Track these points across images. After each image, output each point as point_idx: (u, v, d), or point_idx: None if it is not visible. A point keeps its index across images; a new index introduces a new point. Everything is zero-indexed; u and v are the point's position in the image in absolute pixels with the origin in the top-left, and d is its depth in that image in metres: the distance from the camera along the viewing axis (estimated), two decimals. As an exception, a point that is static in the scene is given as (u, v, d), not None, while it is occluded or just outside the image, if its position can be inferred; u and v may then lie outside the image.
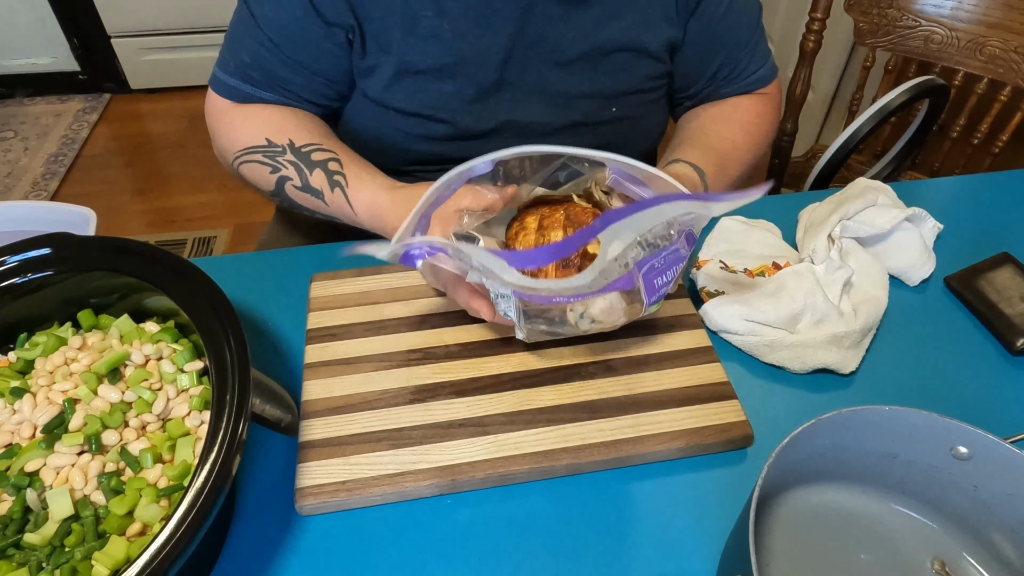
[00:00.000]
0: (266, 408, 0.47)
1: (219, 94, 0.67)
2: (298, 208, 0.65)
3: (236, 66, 0.65)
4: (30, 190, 1.89)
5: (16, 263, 0.50)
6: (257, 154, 0.64)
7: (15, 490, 0.43)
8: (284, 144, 0.64)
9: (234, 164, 0.66)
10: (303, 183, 0.62)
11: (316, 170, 0.62)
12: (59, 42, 2.12)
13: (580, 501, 0.49)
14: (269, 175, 0.64)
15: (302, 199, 0.63)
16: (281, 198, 0.65)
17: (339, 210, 0.62)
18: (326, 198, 0.62)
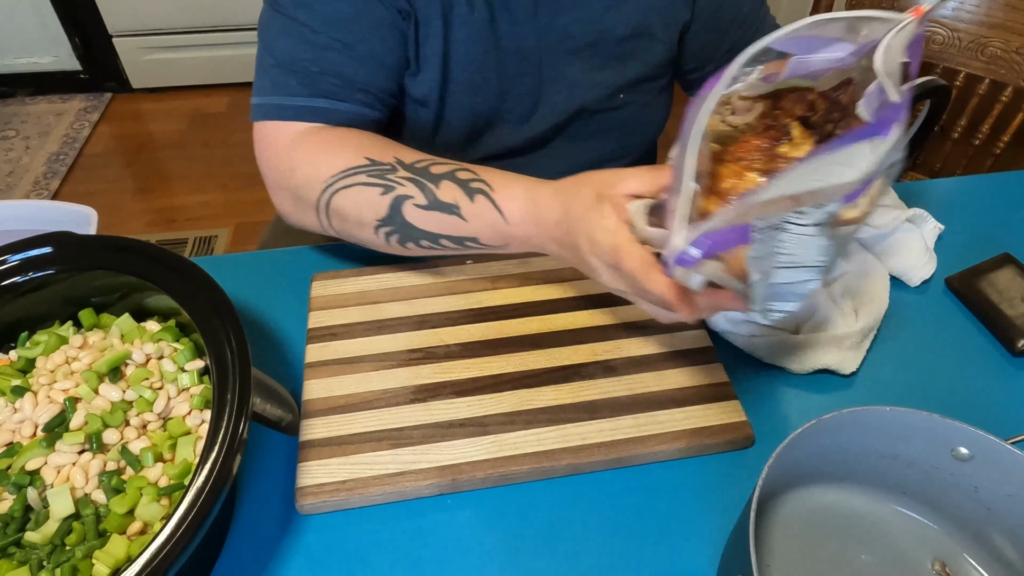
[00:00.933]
0: (267, 407, 0.47)
1: (284, 119, 0.58)
2: (412, 239, 0.54)
3: (300, 82, 0.57)
4: (31, 189, 1.89)
5: (17, 262, 0.50)
6: (359, 175, 0.54)
7: (16, 489, 0.43)
8: (391, 162, 0.54)
9: (325, 195, 0.55)
10: (429, 199, 0.52)
11: (444, 182, 0.52)
12: (61, 41, 2.12)
13: (580, 501, 0.49)
14: (380, 196, 0.53)
15: (426, 221, 0.53)
16: (393, 227, 0.54)
17: (481, 223, 0.52)
18: (464, 211, 0.52)
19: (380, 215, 0.53)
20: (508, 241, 0.53)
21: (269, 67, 0.58)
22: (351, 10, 0.57)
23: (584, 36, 0.66)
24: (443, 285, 0.61)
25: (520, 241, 0.52)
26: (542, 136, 0.72)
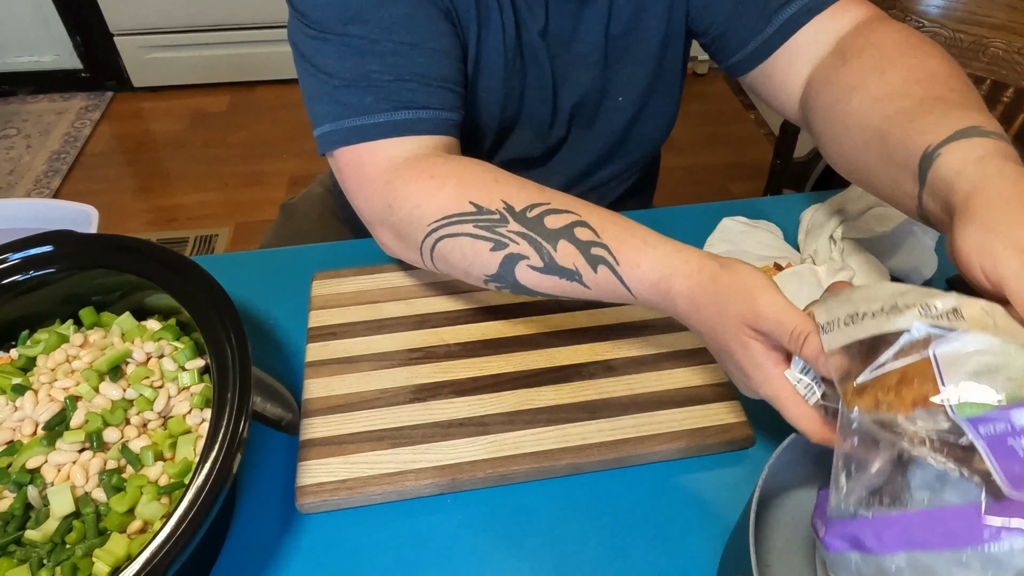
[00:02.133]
0: (267, 406, 0.48)
1: (368, 140, 0.53)
2: (527, 293, 0.50)
3: (377, 98, 0.53)
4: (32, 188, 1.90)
5: (18, 260, 0.50)
6: (466, 224, 0.48)
7: (16, 487, 0.43)
8: (499, 208, 0.48)
9: (429, 239, 0.50)
10: (547, 262, 0.47)
11: (561, 243, 0.47)
12: (62, 40, 2.12)
13: (580, 501, 0.49)
14: (489, 253, 0.48)
15: (542, 283, 0.48)
16: (504, 284, 0.49)
17: (605, 292, 0.47)
18: (586, 279, 0.46)
19: (489, 272, 0.49)
20: (633, 302, 0.47)
21: (335, 89, 0.53)
22: (405, 10, 0.54)
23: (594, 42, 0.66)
24: (443, 285, 0.61)
25: (646, 308, 0.50)
26: (557, 143, 0.72)
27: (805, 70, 0.58)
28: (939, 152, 0.42)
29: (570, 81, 0.68)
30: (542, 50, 0.65)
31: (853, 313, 0.36)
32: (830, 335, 0.37)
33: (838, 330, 0.36)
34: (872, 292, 0.37)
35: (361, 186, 0.54)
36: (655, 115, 0.72)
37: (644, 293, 0.45)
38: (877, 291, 0.37)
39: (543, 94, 0.68)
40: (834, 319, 0.37)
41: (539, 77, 0.66)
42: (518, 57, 0.64)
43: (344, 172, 0.55)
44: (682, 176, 1.96)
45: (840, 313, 0.37)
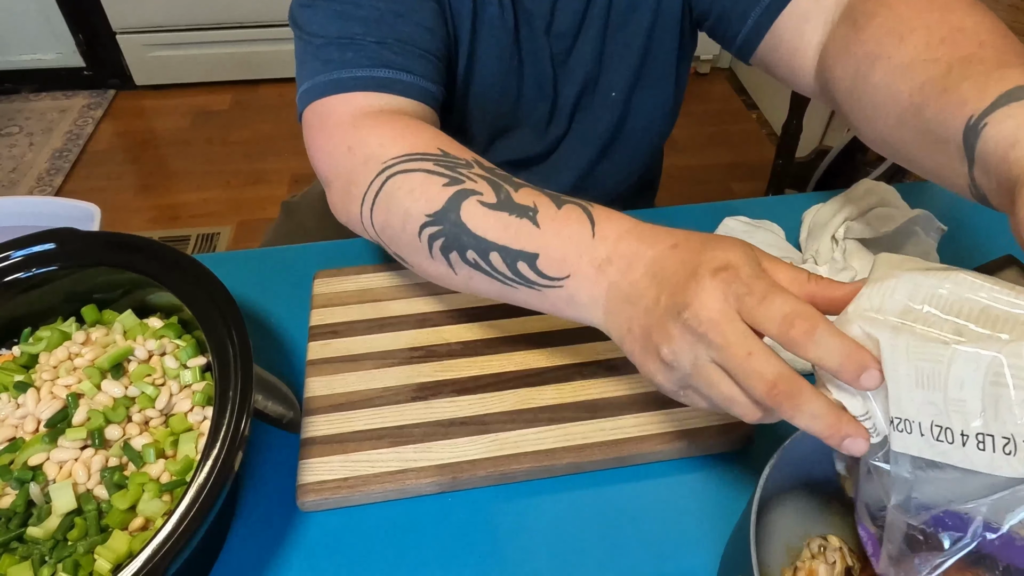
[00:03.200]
0: (268, 404, 0.48)
1: (343, 91, 0.51)
2: (458, 247, 0.43)
3: (357, 54, 0.52)
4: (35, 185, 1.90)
5: (20, 258, 0.50)
6: (425, 161, 0.45)
7: (18, 484, 0.43)
8: (469, 159, 0.46)
9: (380, 177, 0.46)
10: (500, 199, 0.42)
11: (525, 189, 0.43)
12: (64, 38, 2.12)
13: (581, 500, 0.49)
14: (441, 188, 0.43)
15: (485, 222, 0.42)
16: (442, 226, 0.43)
17: (557, 234, 0.41)
18: (541, 215, 0.41)
19: (433, 208, 0.43)
20: (575, 269, 0.40)
21: (317, 48, 0.52)
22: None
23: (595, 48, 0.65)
24: (445, 283, 0.61)
25: (593, 271, 0.39)
26: (554, 142, 0.72)
27: (815, 36, 0.54)
28: (985, 122, 0.36)
29: (571, 77, 0.68)
30: (544, 48, 0.65)
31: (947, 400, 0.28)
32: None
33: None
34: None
35: (324, 135, 0.51)
36: (646, 109, 0.72)
37: (611, 226, 0.40)
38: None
39: (543, 92, 0.68)
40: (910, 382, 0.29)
41: (539, 74, 0.66)
42: (515, 55, 0.64)
43: (310, 125, 0.52)
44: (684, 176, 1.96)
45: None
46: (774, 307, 0.31)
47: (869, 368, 0.30)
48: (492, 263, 0.42)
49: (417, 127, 0.49)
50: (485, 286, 0.44)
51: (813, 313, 0.31)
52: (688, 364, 0.34)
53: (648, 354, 0.37)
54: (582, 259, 0.40)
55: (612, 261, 0.39)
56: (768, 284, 0.32)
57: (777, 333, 0.31)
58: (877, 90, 0.46)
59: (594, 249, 0.39)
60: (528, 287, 0.42)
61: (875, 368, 0.30)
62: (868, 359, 0.30)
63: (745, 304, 0.32)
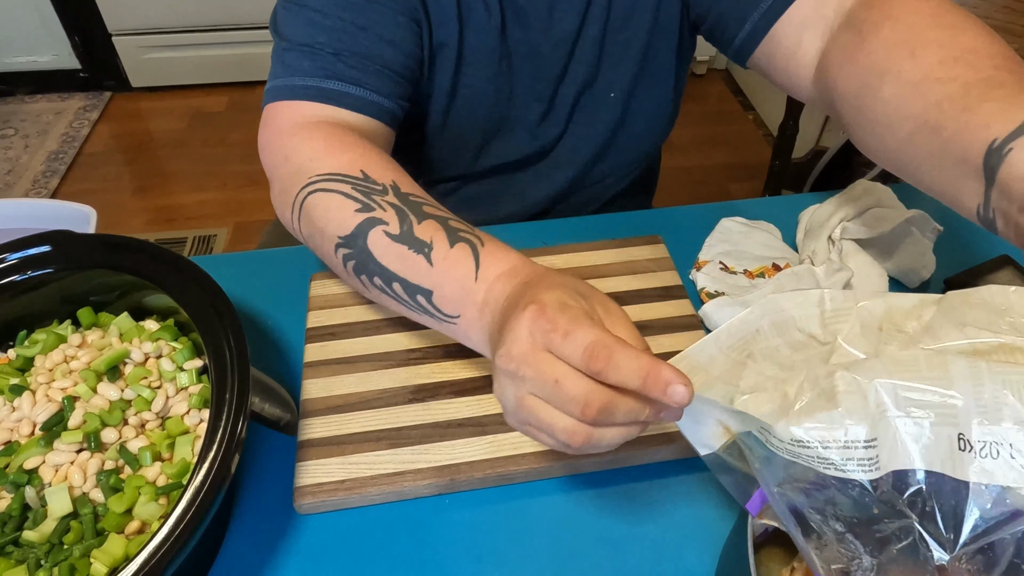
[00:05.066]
0: (265, 407, 0.47)
1: (293, 99, 0.54)
2: (367, 271, 0.46)
3: (313, 63, 0.55)
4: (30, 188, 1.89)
5: (16, 260, 0.50)
6: (344, 184, 0.47)
7: (14, 487, 0.43)
8: (387, 184, 0.47)
9: (303, 192, 0.49)
10: (403, 231, 0.45)
11: (429, 221, 0.45)
12: (60, 40, 2.12)
13: (578, 502, 0.49)
14: (353, 213, 0.46)
15: (388, 254, 0.45)
16: (352, 250, 0.46)
17: (446, 275, 0.43)
18: (435, 254, 0.43)
19: (344, 232, 0.46)
20: (463, 311, 0.42)
21: (283, 52, 0.57)
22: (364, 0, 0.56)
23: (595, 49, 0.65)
24: (442, 285, 0.61)
25: (476, 313, 0.42)
26: (551, 142, 0.72)
27: (814, 43, 0.54)
28: (1010, 147, 0.37)
29: (569, 77, 0.68)
30: (541, 48, 0.65)
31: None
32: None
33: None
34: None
35: (269, 139, 0.55)
36: (646, 112, 0.72)
37: (492, 268, 0.42)
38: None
39: (538, 92, 0.68)
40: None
41: (534, 75, 0.66)
42: (505, 56, 0.64)
43: (263, 124, 0.56)
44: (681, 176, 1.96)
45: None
46: (576, 340, 0.33)
47: (672, 383, 0.31)
48: (395, 291, 0.45)
49: (346, 144, 0.51)
50: (394, 307, 0.47)
51: (612, 341, 0.32)
52: (512, 400, 0.35)
53: (496, 389, 0.38)
54: (466, 302, 0.42)
55: (488, 303, 0.41)
56: (570, 319, 0.34)
57: (581, 365, 0.33)
58: (887, 105, 0.45)
59: (475, 293, 0.42)
60: (430, 316, 0.45)
61: (679, 383, 0.31)
62: (671, 375, 0.31)
63: (550, 339, 0.34)
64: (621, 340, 0.33)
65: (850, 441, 0.30)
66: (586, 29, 0.65)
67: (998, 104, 0.38)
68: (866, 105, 0.47)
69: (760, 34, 0.58)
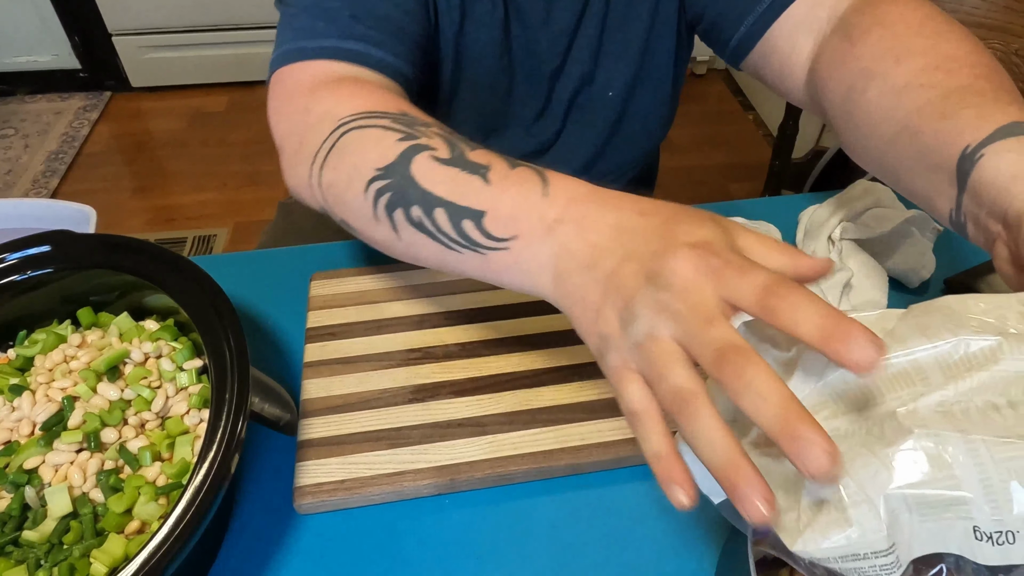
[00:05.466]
0: (265, 407, 0.47)
1: (308, 59, 0.50)
2: (404, 202, 0.40)
3: (328, 24, 0.51)
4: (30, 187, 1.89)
5: (16, 260, 0.50)
6: (383, 119, 0.43)
7: (14, 487, 0.43)
8: (430, 121, 0.44)
9: (333, 136, 0.44)
10: (454, 155, 0.40)
11: (480, 150, 0.41)
12: (60, 40, 2.12)
13: (579, 502, 0.49)
14: (395, 143, 0.41)
15: (435, 176, 0.40)
16: (390, 180, 0.41)
17: (506, 192, 0.38)
18: (492, 173, 0.39)
19: (384, 161, 0.41)
20: (523, 229, 0.37)
21: (291, 18, 0.52)
22: None
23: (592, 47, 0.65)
24: (442, 285, 0.61)
25: (541, 231, 0.36)
26: (549, 140, 0.72)
27: (807, 49, 0.55)
28: (982, 153, 0.38)
29: (567, 75, 0.68)
30: (539, 44, 0.65)
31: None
32: None
33: None
34: None
35: (282, 101, 0.50)
36: (644, 111, 0.72)
37: (565, 186, 0.37)
38: None
39: (535, 89, 0.68)
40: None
41: (531, 71, 0.66)
42: (506, 52, 0.64)
43: (273, 92, 0.51)
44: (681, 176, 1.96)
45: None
46: (754, 275, 0.29)
47: (859, 336, 0.25)
48: (436, 221, 0.39)
49: (379, 91, 0.47)
50: (428, 252, 0.41)
51: (794, 282, 0.28)
52: (643, 332, 0.30)
53: (601, 323, 0.33)
54: (531, 217, 0.36)
55: (564, 221, 0.36)
56: (747, 259, 0.30)
57: (755, 301, 0.28)
58: (872, 108, 0.46)
59: (544, 208, 0.36)
60: (472, 250, 0.39)
61: (868, 338, 0.25)
62: (859, 328, 0.26)
63: (722, 276, 0.29)
64: (801, 284, 0.28)
65: (869, 552, 0.28)
66: (583, 26, 0.65)
67: (973, 111, 0.40)
68: (853, 108, 0.48)
69: (756, 36, 0.59)
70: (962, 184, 0.39)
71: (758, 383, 0.26)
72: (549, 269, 0.36)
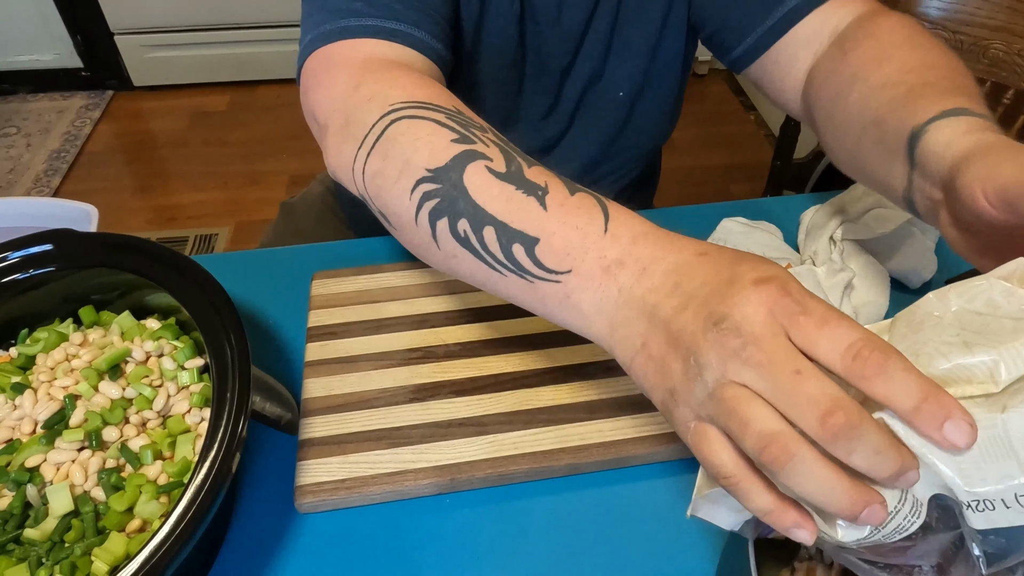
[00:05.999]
0: (266, 406, 0.48)
1: (352, 38, 0.48)
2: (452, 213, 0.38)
3: (368, 4, 0.49)
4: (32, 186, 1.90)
5: (18, 259, 0.50)
6: (437, 112, 0.41)
7: (15, 486, 0.43)
8: (485, 126, 0.42)
9: (384, 119, 0.42)
10: (510, 170, 0.38)
11: (539, 168, 0.39)
12: (62, 39, 2.12)
13: (579, 501, 0.49)
14: (448, 143, 0.39)
15: (489, 192, 0.37)
16: (439, 186, 0.38)
17: (563, 221, 0.35)
18: (550, 197, 0.36)
19: (436, 163, 0.38)
20: (579, 266, 0.35)
21: (324, 1, 0.50)
22: None
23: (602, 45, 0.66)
24: (443, 285, 0.61)
25: (599, 271, 0.34)
26: (555, 137, 0.72)
27: (806, 63, 0.58)
28: (926, 129, 0.41)
29: (576, 74, 0.68)
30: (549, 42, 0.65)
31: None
32: None
33: None
34: None
35: (329, 76, 0.47)
36: (650, 109, 0.72)
37: (626, 225, 0.35)
38: None
39: (544, 86, 0.68)
40: None
41: (541, 69, 0.66)
42: (519, 48, 0.64)
43: (313, 71, 0.49)
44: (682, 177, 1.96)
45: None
46: (839, 332, 0.26)
47: (955, 416, 0.24)
48: (485, 240, 0.37)
49: (430, 82, 0.45)
50: (468, 268, 0.39)
51: (885, 344, 0.26)
52: (714, 381, 0.28)
53: (666, 375, 0.31)
54: (588, 255, 0.34)
55: (625, 264, 0.33)
56: (825, 305, 0.27)
57: (841, 363, 0.26)
58: (852, 107, 0.49)
59: (604, 247, 0.34)
60: (520, 276, 0.36)
61: (964, 419, 0.25)
62: (954, 404, 0.25)
63: (799, 324, 0.27)
64: (891, 346, 0.26)
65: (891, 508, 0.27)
66: (594, 24, 0.65)
67: (928, 100, 0.43)
68: (836, 111, 0.51)
69: (761, 50, 0.60)
70: (911, 160, 0.42)
71: (872, 440, 0.25)
72: (605, 314, 0.34)
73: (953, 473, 0.26)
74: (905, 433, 0.26)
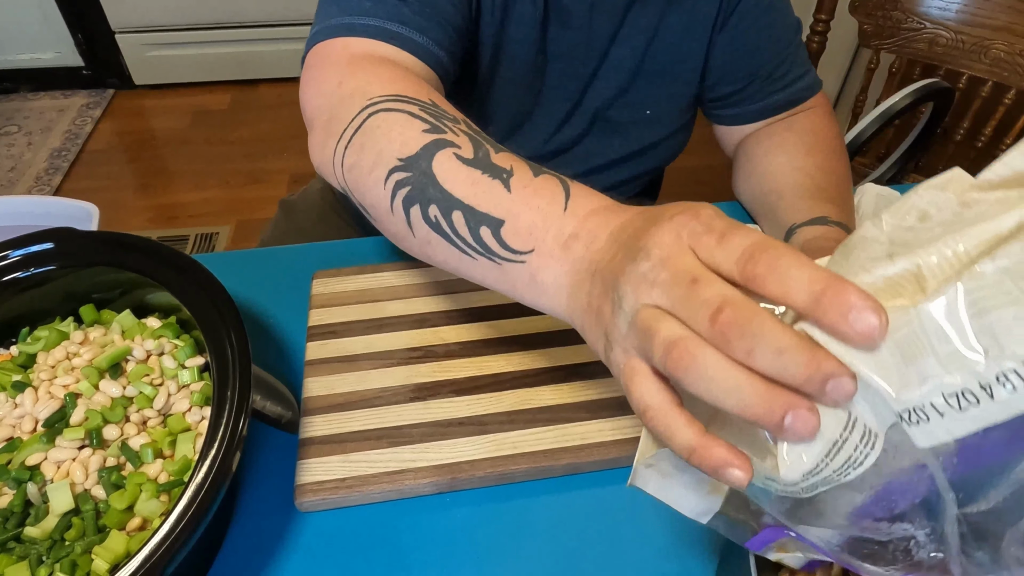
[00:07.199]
0: (267, 405, 0.48)
1: (351, 35, 0.50)
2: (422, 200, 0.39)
3: (375, 4, 0.51)
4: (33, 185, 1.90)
5: (19, 257, 0.50)
6: (412, 105, 0.42)
7: (16, 484, 0.43)
8: (457, 116, 0.43)
9: (362, 114, 0.43)
10: (477, 156, 0.39)
11: (506, 153, 0.40)
12: (63, 37, 2.12)
13: (579, 501, 0.49)
14: (420, 133, 0.40)
15: (456, 178, 0.38)
16: (410, 174, 0.39)
17: (527, 202, 0.36)
18: (514, 180, 0.38)
19: (406, 152, 0.40)
20: (540, 244, 0.36)
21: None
22: None
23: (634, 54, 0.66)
24: (443, 284, 0.61)
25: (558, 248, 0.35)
26: (568, 144, 0.72)
27: (757, 127, 0.74)
28: (796, 231, 0.59)
29: (603, 83, 0.68)
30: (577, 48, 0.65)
31: None
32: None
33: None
34: None
35: (319, 72, 0.49)
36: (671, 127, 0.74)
37: (584, 200, 0.36)
38: None
39: (566, 91, 0.68)
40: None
41: (565, 74, 0.66)
42: (542, 51, 0.64)
43: (309, 64, 0.51)
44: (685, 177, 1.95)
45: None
46: (735, 241, 0.26)
47: (859, 306, 0.23)
48: (454, 224, 0.38)
49: (412, 77, 0.47)
50: (442, 253, 0.40)
51: (779, 244, 0.25)
52: (630, 309, 0.28)
53: (600, 320, 0.31)
54: (548, 233, 0.35)
55: (579, 237, 0.34)
56: (729, 223, 0.27)
57: (737, 269, 0.26)
58: (771, 167, 0.67)
59: (563, 224, 0.35)
60: (489, 258, 0.37)
61: (870, 307, 0.23)
62: (859, 294, 0.23)
63: (702, 242, 0.27)
64: (790, 247, 0.25)
65: (838, 438, 0.25)
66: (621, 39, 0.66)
67: (808, 203, 0.60)
68: (757, 164, 0.70)
69: (735, 122, 0.75)
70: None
71: (771, 335, 0.23)
72: (564, 287, 0.34)
73: (882, 381, 0.24)
74: (825, 340, 0.24)
